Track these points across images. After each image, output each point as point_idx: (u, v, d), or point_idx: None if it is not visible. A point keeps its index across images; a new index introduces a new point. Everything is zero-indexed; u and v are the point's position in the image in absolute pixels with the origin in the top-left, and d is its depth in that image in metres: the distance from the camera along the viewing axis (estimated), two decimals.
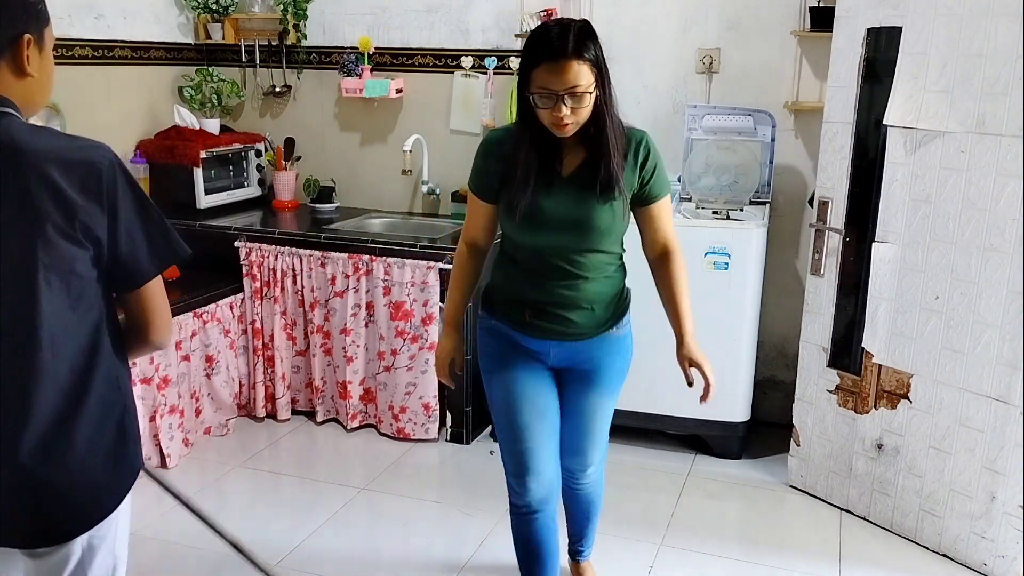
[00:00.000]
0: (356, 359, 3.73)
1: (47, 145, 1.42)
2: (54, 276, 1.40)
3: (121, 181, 1.45)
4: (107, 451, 1.51)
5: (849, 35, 2.97)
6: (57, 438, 1.44)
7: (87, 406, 1.47)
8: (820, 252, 3.15)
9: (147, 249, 1.51)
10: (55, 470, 1.45)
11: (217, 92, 4.34)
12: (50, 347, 1.42)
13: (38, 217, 1.37)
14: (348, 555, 2.89)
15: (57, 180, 1.38)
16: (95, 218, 1.41)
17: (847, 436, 3.16)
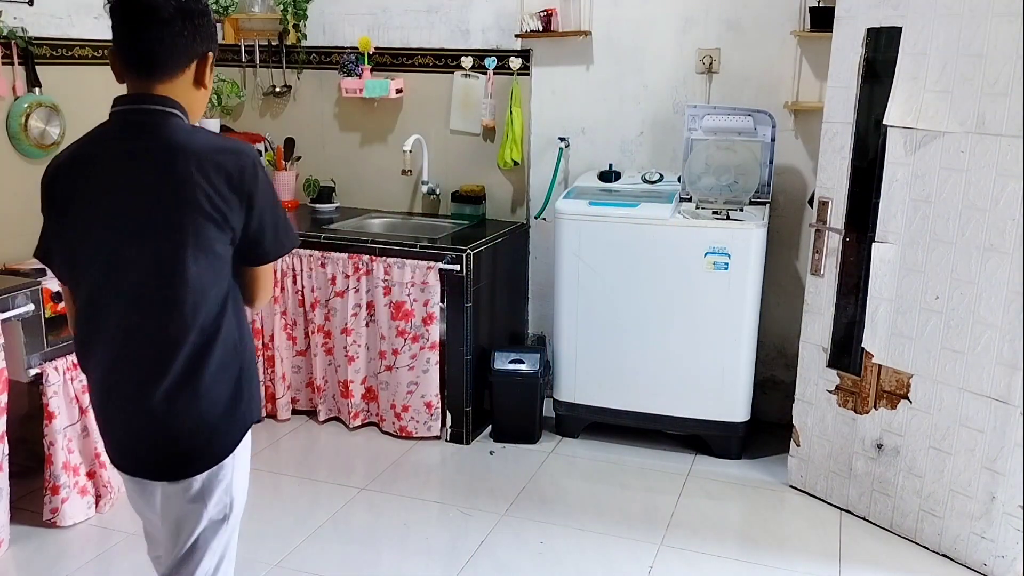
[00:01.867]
0: (358, 358, 3.74)
1: (202, 145, 1.66)
2: (200, 253, 1.65)
3: (259, 180, 1.70)
4: (224, 404, 1.74)
5: (849, 35, 2.97)
6: (183, 390, 1.69)
7: (209, 366, 1.70)
8: (820, 252, 3.15)
9: (271, 238, 1.76)
10: (179, 418, 1.71)
11: (217, 92, 4.34)
12: (191, 314, 1.67)
13: (191, 204, 1.63)
14: (348, 555, 2.89)
15: (209, 175, 1.63)
16: (234, 209, 1.67)
17: (847, 436, 3.16)
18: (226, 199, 1.65)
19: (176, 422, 1.71)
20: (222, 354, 1.72)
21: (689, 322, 3.44)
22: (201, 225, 1.64)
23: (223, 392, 1.74)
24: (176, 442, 1.73)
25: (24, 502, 3.05)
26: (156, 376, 1.68)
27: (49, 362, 2.95)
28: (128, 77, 1.70)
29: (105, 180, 1.67)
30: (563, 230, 3.55)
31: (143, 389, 1.69)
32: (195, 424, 1.72)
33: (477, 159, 4.14)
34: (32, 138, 3.56)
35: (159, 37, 1.64)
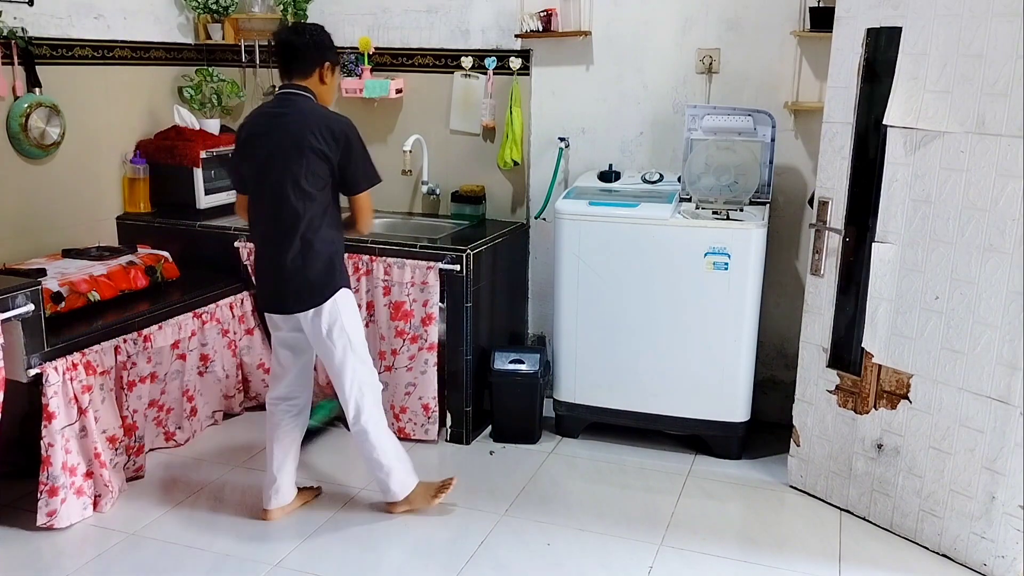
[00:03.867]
0: None
1: (315, 114, 2.81)
2: (309, 175, 2.77)
3: (349, 137, 2.80)
4: (323, 270, 2.83)
5: (849, 35, 2.97)
6: (302, 257, 2.81)
7: (315, 247, 2.82)
8: (820, 252, 3.15)
9: (358, 175, 2.85)
10: (299, 274, 2.83)
11: (217, 92, 4.34)
12: (302, 213, 2.79)
13: (307, 146, 2.75)
14: (348, 555, 2.89)
15: (320, 130, 2.76)
16: (333, 151, 2.78)
17: (847, 436, 3.16)
18: (328, 144, 2.76)
19: (298, 276, 2.82)
20: (321, 243, 2.82)
21: (689, 322, 3.44)
22: (311, 159, 2.76)
23: (321, 264, 2.83)
24: (299, 288, 2.84)
25: (21, 503, 3.05)
26: (285, 248, 2.81)
27: (49, 362, 2.95)
28: (283, 75, 2.88)
29: (263, 131, 2.83)
30: (563, 230, 3.55)
31: (279, 255, 2.82)
32: (308, 279, 2.83)
33: (477, 159, 4.14)
34: (32, 138, 3.56)
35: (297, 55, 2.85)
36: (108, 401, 3.13)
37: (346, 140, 2.78)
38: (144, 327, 3.35)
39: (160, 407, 3.51)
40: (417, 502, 3.11)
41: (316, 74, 2.87)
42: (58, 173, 3.75)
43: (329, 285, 2.85)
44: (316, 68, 2.86)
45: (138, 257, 3.67)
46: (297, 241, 2.80)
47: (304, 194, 2.78)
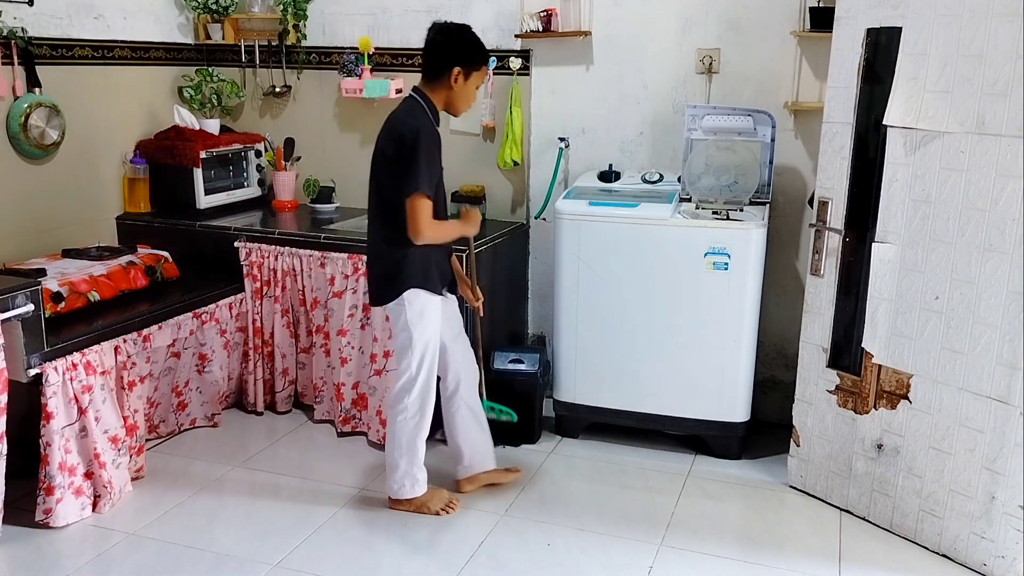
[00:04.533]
0: (350, 360, 3.72)
1: (397, 116, 2.88)
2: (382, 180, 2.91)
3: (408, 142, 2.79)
4: (389, 271, 2.94)
5: (849, 35, 2.97)
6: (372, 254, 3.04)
7: (383, 246, 2.96)
8: (820, 252, 3.15)
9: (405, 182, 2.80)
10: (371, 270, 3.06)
11: (217, 92, 4.34)
12: (375, 217, 2.99)
13: (380, 148, 2.90)
14: (348, 555, 2.89)
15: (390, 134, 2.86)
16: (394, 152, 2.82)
17: (847, 436, 3.16)
18: (391, 146, 2.83)
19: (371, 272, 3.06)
20: (389, 243, 2.92)
21: (689, 322, 3.44)
22: (381, 164, 2.89)
23: (388, 265, 2.95)
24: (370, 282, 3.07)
25: (21, 503, 3.05)
26: (370, 246, 3.06)
27: (49, 362, 2.95)
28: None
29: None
30: (563, 230, 3.55)
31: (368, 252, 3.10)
32: (376, 276, 3.02)
33: (477, 159, 4.14)
34: (32, 138, 3.56)
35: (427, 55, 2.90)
36: (109, 401, 3.13)
37: (400, 141, 2.79)
38: (144, 327, 3.35)
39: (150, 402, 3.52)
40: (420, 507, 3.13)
41: (445, 77, 2.85)
42: (58, 173, 3.75)
43: (391, 289, 2.93)
44: (444, 71, 2.84)
45: (138, 257, 3.67)
46: (377, 239, 2.97)
47: (378, 195, 2.91)
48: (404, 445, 3.04)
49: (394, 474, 3.08)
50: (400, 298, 2.93)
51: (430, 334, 2.99)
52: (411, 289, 2.93)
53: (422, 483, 3.11)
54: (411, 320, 2.95)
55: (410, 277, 2.93)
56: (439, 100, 2.91)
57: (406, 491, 3.09)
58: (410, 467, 3.06)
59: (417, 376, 2.99)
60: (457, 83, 2.86)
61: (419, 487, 3.10)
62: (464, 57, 2.85)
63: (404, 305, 2.93)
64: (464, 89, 2.89)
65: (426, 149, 2.79)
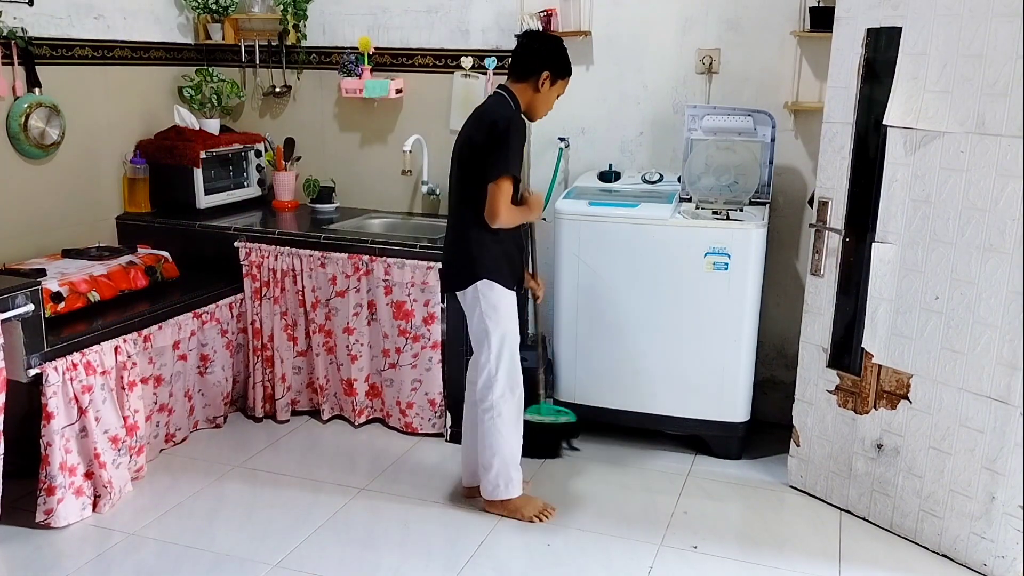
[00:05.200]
0: (361, 356, 3.74)
1: (486, 109, 3.00)
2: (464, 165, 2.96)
3: (498, 132, 2.85)
4: (465, 260, 2.97)
5: (849, 35, 2.97)
6: (448, 241, 3.07)
7: (459, 234, 2.99)
8: (820, 252, 3.15)
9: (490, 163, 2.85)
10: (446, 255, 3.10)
11: (217, 92, 4.34)
12: (455, 202, 3.02)
13: (466, 140, 2.96)
14: (348, 555, 2.89)
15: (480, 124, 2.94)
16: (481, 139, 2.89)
17: (847, 436, 3.16)
18: (479, 134, 2.91)
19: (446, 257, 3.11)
20: (465, 231, 2.96)
21: (689, 322, 3.44)
22: (465, 150, 2.95)
23: (462, 253, 2.98)
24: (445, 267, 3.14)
25: (21, 503, 3.05)
26: (448, 233, 3.08)
27: (49, 362, 2.95)
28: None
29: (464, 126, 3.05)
30: (563, 230, 3.55)
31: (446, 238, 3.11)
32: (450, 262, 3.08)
33: None
34: (32, 138, 3.56)
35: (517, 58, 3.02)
36: (109, 401, 3.13)
37: (492, 128, 2.86)
38: (144, 327, 3.35)
39: (164, 408, 3.51)
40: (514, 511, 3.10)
41: (533, 79, 2.96)
42: (58, 173, 3.75)
43: (464, 276, 2.98)
44: (534, 73, 2.95)
45: (138, 257, 3.67)
46: (455, 228, 3.02)
47: (460, 184, 2.98)
48: (494, 445, 3.01)
49: (487, 475, 3.06)
50: (473, 287, 2.95)
51: (506, 327, 2.98)
52: (484, 280, 2.95)
53: (517, 483, 3.07)
54: (486, 312, 2.96)
55: (484, 267, 2.95)
56: (523, 100, 2.99)
57: (500, 492, 3.06)
58: (503, 467, 3.03)
59: (497, 372, 2.98)
60: (543, 87, 2.96)
61: (514, 488, 3.07)
62: (554, 64, 2.97)
63: (479, 296, 2.96)
64: (547, 94, 2.99)
65: (516, 136, 2.87)
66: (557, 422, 3.52)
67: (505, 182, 2.85)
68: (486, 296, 2.96)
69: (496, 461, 3.02)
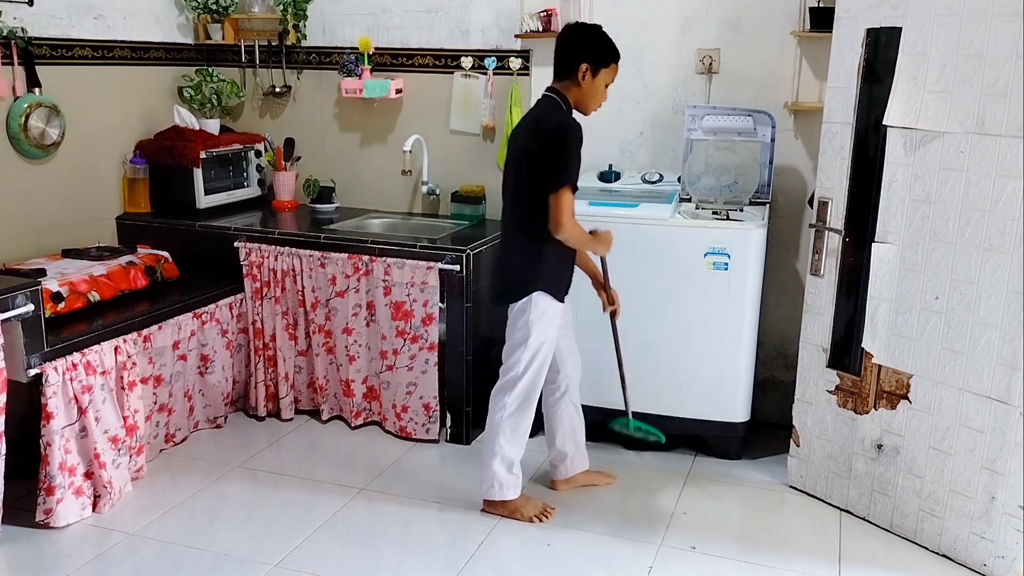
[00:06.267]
0: (359, 358, 3.74)
1: (538, 115, 2.92)
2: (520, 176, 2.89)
3: (556, 140, 2.79)
4: (519, 271, 2.95)
5: (849, 36, 2.97)
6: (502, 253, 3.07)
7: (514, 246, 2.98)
8: (820, 252, 3.15)
9: (551, 177, 2.79)
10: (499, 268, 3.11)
11: (217, 92, 4.34)
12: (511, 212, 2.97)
13: (521, 149, 2.88)
14: (348, 555, 2.89)
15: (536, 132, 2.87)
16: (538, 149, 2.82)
17: (847, 436, 3.16)
18: (535, 144, 2.83)
19: (499, 270, 3.11)
20: (520, 243, 2.94)
21: (689, 322, 3.44)
22: (520, 163, 2.88)
23: (516, 265, 2.96)
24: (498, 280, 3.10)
25: (21, 503, 3.05)
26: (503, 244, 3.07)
27: (49, 362, 2.95)
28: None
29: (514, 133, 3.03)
30: None
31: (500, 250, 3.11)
32: (504, 275, 3.04)
33: (477, 159, 4.14)
34: (32, 138, 3.56)
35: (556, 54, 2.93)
36: (109, 401, 3.13)
37: (549, 137, 2.80)
38: (144, 327, 3.35)
39: (164, 408, 3.51)
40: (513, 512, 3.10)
41: (573, 74, 2.88)
42: (58, 173, 3.75)
43: (519, 288, 2.94)
44: (573, 68, 2.87)
45: (138, 257, 3.67)
46: (510, 239, 3.00)
47: (515, 195, 2.93)
48: (497, 444, 3.02)
49: (485, 473, 3.07)
50: (527, 298, 2.93)
51: (546, 337, 2.98)
52: (539, 292, 2.94)
53: (514, 487, 3.07)
54: (532, 320, 2.94)
55: (540, 280, 2.94)
56: (571, 98, 2.92)
57: (495, 492, 3.07)
58: (501, 468, 3.04)
59: (522, 376, 2.98)
60: (585, 80, 2.87)
61: (509, 490, 3.07)
62: (591, 53, 2.88)
63: (529, 305, 2.94)
64: (592, 86, 2.89)
65: (575, 143, 2.81)
66: (647, 440, 3.42)
67: (566, 192, 2.79)
68: (537, 305, 2.94)
69: (495, 462, 3.03)
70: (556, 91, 2.92)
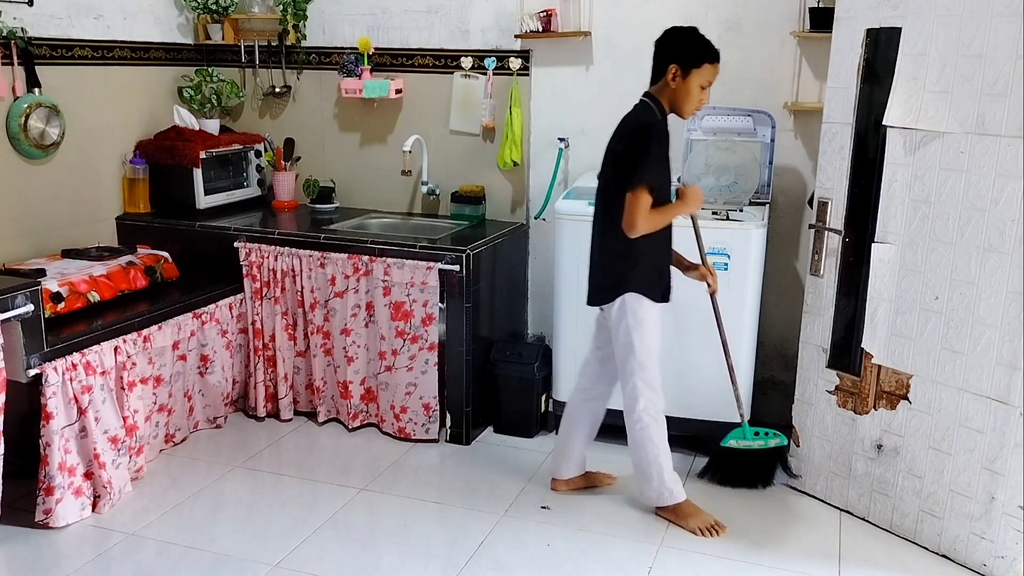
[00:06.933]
0: (357, 359, 3.74)
1: (628, 118, 2.94)
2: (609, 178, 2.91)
3: (636, 135, 2.85)
4: (608, 271, 2.98)
5: (849, 36, 2.97)
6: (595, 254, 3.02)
7: (606, 247, 2.97)
8: (820, 252, 3.15)
9: (628, 172, 2.82)
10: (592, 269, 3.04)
11: (217, 92, 4.34)
12: (601, 214, 2.98)
13: (610, 151, 2.93)
14: (348, 555, 2.89)
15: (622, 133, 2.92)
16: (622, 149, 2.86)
17: (847, 437, 3.16)
18: (624, 145, 2.86)
19: (591, 271, 3.04)
20: (612, 244, 2.92)
21: (689, 322, 3.43)
22: (609, 165, 2.91)
23: (608, 266, 2.97)
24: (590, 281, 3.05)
25: (20, 503, 3.05)
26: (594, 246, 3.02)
27: (48, 362, 2.95)
28: None
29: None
30: (563, 230, 3.55)
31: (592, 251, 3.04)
32: (596, 276, 3.03)
33: (477, 159, 4.14)
34: (32, 138, 3.56)
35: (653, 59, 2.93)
36: (109, 402, 3.13)
37: (632, 138, 2.84)
38: (144, 327, 3.35)
39: (164, 408, 3.51)
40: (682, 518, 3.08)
41: (663, 79, 2.88)
42: (58, 173, 3.75)
43: (614, 289, 2.94)
44: (663, 70, 2.88)
45: (138, 257, 3.67)
46: (600, 240, 2.98)
47: (604, 196, 2.94)
48: (649, 455, 3.03)
49: (650, 485, 3.08)
50: (620, 300, 2.93)
51: (651, 342, 2.97)
52: (631, 293, 2.93)
53: (680, 487, 3.09)
54: (631, 326, 2.94)
55: (632, 281, 2.93)
56: (665, 102, 2.91)
57: (666, 499, 3.08)
58: (660, 476, 3.05)
59: (641, 385, 2.98)
60: (675, 81, 2.85)
61: (678, 492, 3.08)
62: (679, 54, 2.86)
63: (625, 310, 2.93)
64: (684, 87, 2.86)
65: (656, 144, 2.84)
66: (767, 446, 3.33)
67: (642, 191, 2.78)
68: (633, 310, 2.93)
69: (654, 471, 3.05)
70: (650, 95, 2.92)
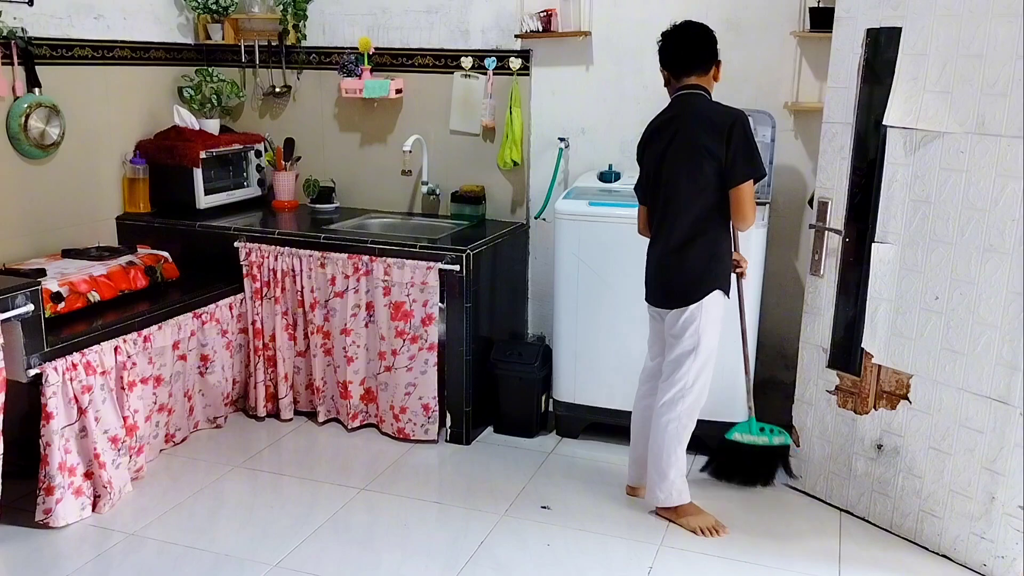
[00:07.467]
0: (357, 359, 3.74)
1: (708, 110, 2.85)
2: (695, 175, 2.82)
3: (736, 130, 2.77)
4: (698, 271, 2.88)
5: (849, 36, 2.97)
6: (677, 255, 2.90)
7: (695, 246, 2.87)
8: (820, 252, 3.15)
9: (737, 166, 2.78)
10: (673, 271, 2.92)
11: (217, 92, 4.34)
12: (685, 212, 2.86)
13: (696, 146, 2.81)
14: (348, 555, 2.89)
15: (707, 127, 2.81)
16: (720, 145, 2.78)
17: (847, 437, 3.16)
18: (715, 140, 2.78)
19: (671, 274, 2.93)
20: (702, 242, 2.87)
21: None
22: (697, 161, 2.81)
23: (699, 265, 2.88)
24: (671, 284, 2.94)
25: (20, 503, 3.05)
26: (666, 243, 2.92)
27: (48, 362, 2.95)
28: (677, 75, 2.95)
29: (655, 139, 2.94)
30: (563, 230, 3.55)
31: (661, 252, 2.94)
32: (681, 278, 2.90)
33: (477, 159, 4.14)
34: (32, 138, 3.56)
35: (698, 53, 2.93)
36: (109, 401, 3.13)
37: (729, 131, 2.78)
38: (144, 327, 3.35)
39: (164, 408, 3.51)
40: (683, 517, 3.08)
41: (713, 72, 2.94)
42: (58, 173, 3.75)
43: (700, 289, 2.89)
44: (712, 63, 2.93)
45: (138, 257, 3.67)
46: (685, 244, 2.88)
47: (689, 193, 2.85)
48: (674, 454, 3.02)
49: (663, 483, 3.06)
50: (701, 302, 2.88)
51: (715, 343, 2.96)
52: (717, 290, 2.91)
53: (687, 490, 3.09)
54: (703, 327, 2.90)
55: (717, 278, 2.91)
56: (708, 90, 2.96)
57: (674, 499, 3.07)
58: (677, 476, 3.05)
59: (693, 385, 2.97)
60: (718, 76, 2.96)
61: (685, 495, 3.08)
62: (717, 51, 2.97)
63: (702, 310, 2.89)
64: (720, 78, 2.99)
65: (752, 134, 2.84)
66: (771, 443, 3.32)
67: (751, 183, 2.80)
68: (709, 310, 2.90)
69: (673, 471, 3.04)
70: (702, 88, 2.92)
